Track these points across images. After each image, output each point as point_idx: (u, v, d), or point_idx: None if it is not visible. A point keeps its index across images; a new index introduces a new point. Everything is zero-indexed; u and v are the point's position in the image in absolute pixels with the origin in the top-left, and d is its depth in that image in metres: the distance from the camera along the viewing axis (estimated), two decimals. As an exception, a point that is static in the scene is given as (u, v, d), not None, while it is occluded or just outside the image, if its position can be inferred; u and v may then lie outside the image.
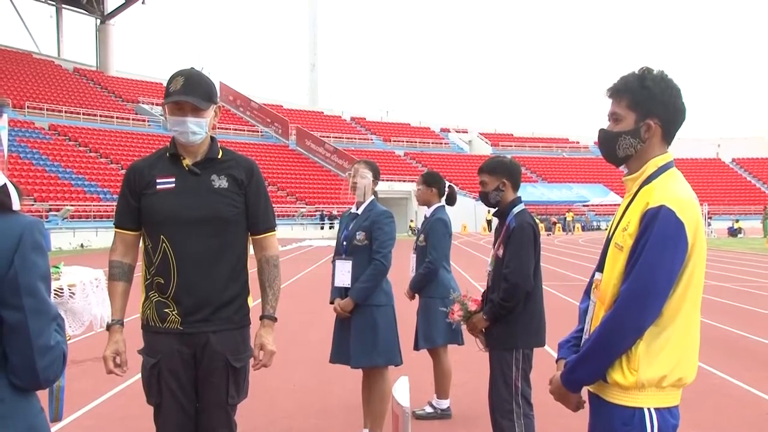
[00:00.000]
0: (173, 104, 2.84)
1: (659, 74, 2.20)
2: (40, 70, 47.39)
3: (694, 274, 2.10)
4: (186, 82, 2.84)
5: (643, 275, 2.04)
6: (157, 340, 2.90)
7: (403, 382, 2.13)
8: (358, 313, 4.52)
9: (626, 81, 2.22)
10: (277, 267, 3.04)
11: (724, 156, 67.23)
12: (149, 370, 2.92)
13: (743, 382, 6.39)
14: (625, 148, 2.22)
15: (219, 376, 2.90)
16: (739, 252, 26.55)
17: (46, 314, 1.63)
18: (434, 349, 5.31)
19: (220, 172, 2.93)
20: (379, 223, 4.57)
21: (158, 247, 2.86)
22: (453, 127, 67.53)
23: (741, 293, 13.28)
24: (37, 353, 1.60)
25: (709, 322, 9.81)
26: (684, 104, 2.22)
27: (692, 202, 2.12)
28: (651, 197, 2.10)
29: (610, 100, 2.25)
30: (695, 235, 2.07)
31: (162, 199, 2.87)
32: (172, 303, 2.86)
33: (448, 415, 5.34)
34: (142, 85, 53.16)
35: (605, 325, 2.10)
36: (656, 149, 2.20)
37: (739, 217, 48.26)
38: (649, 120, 2.17)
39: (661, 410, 2.10)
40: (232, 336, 2.93)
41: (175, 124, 2.86)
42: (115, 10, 52.47)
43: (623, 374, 2.09)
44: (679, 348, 2.11)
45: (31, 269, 1.58)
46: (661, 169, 2.19)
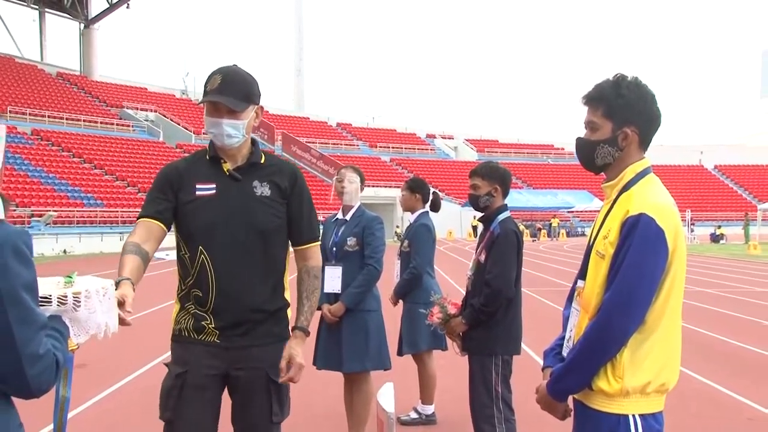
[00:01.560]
0: (209, 104, 2.68)
1: (634, 81, 2.21)
2: (22, 75, 47.02)
3: (676, 280, 2.11)
4: (223, 80, 2.67)
5: (626, 284, 2.05)
6: (189, 350, 2.72)
7: (388, 388, 2.13)
8: (350, 319, 4.52)
9: (601, 89, 2.21)
10: (318, 278, 2.88)
11: (707, 163, 67.81)
12: (173, 380, 2.71)
13: (726, 388, 6.44)
14: (603, 157, 2.22)
15: (261, 393, 2.74)
16: (721, 258, 26.77)
17: (32, 323, 1.62)
18: (419, 355, 5.31)
19: (262, 178, 2.77)
20: (371, 229, 4.58)
21: (196, 257, 2.69)
22: (439, 133, 67.66)
23: (723, 299, 13.39)
24: (26, 362, 1.60)
25: (691, 327, 9.88)
26: (659, 110, 2.23)
27: (671, 208, 2.13)
28: (630, 205, 2.10)
29: (586, 108, 2.25)
30: (675, 241, 2.08)
31: (201, 207, 2.70)
32: (210, 316, 2.70)
33: (432, 421, 5.34)
34: (126, 90, 52.87)
35: (589, 334, 2.11)
36: (634, 156, 2.21)
37: (722, 223, 48.66)
38: (626, 128, 2.18)
39: (646, 416, 2.10)
40: (274, 350, 2.75)
41: (210, 126, 2.71)
42: (99, 14, 52.15)
43: (608, 382, 2.09)
44: (663, 354, 2.12)
45: (15, 278, 1.58)
46: (640, 175, 2.20)
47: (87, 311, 1.85)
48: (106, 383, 6.44)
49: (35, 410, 1.82)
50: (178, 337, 2.77)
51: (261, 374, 2.73)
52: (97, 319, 1.89)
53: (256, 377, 2.73)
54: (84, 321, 1.87)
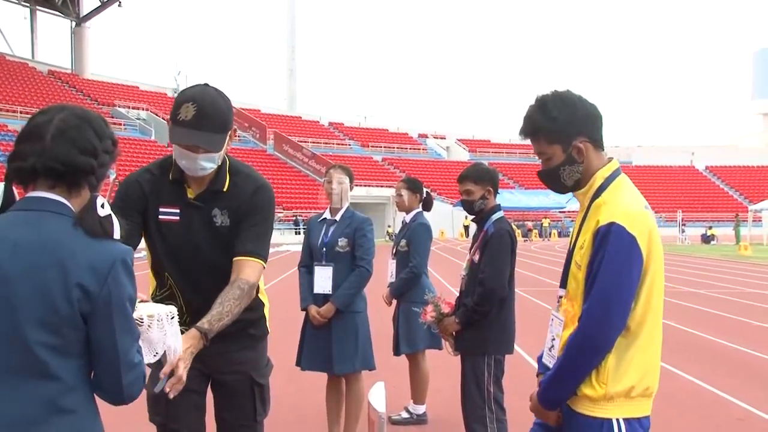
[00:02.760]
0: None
1: (557, 98, 2.20)
2: (13, 72, 46.80)
3: (655, 283, 2.12)
4: (199, 112, 2.42)
5: (602, 294, 2.06)
6: None
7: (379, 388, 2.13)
8: (340, 320, 4.51)
9: (532, 121, 2.22)
10: (244, 296, 2.51)
11: (698, 164, 68.10)
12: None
13: (715, 388, 6.46)
14: (570, 176, 2.23)
15: (244, 396, 2.77)
16: (712, 258, 26.85)
17: (131, 333, 1.76)
18: (413, 354, 5.32)
19: (223, 206, 2.62)
20: (362, 231, 4.57)
21: (165, 279, 2.68)
22: (431, 132, 67.71)
23: (713, 299, 13.44)
24: (123, 369, 1.71)
25: (681, 327, 9.92)
26: (593, 106, 2.23)
27: (642, 212, 2.12)
28: (601, 215, 2.11)
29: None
30: (649, 245, 2.09)
31: (165, 233, 2.63)
32: (185, 326, 2.64)
33: (424, 421, 5.35)
34: (118, 88, 52.70)
35: (572, 345, 2.12)
36: (595, 161, 2.22)
37: (712, 224, 48.86)
38: (575, 143, 2.18)
39: (631, 420, 2.11)
40: (254, 351, 2.79)
41: (183, 158, 2.51)
42: (90, 12, 51.96)
43: (592, 387, 2.11)
44: (646, 358, 2.13)
45: (122, 290, 1.70)
46: (609, 179, 2.20)
47: (160, 333, 1.96)
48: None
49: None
50: None
51: (245, 377, 2.76)
52: (166, 341, 2.00)
53: (241, 381, 2.75)
54: (155, 342, 1.98)
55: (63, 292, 1.64)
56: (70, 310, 1.64)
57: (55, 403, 1.65)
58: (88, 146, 1.74)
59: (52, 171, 1.70)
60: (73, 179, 1.73)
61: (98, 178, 1.78)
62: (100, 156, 1.77)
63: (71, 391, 1.68)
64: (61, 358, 1.65)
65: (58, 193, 1.72)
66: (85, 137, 1.74)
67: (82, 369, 1.71)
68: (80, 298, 1.65)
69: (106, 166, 1.80)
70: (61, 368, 1.66)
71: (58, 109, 1.79)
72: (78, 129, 1.75)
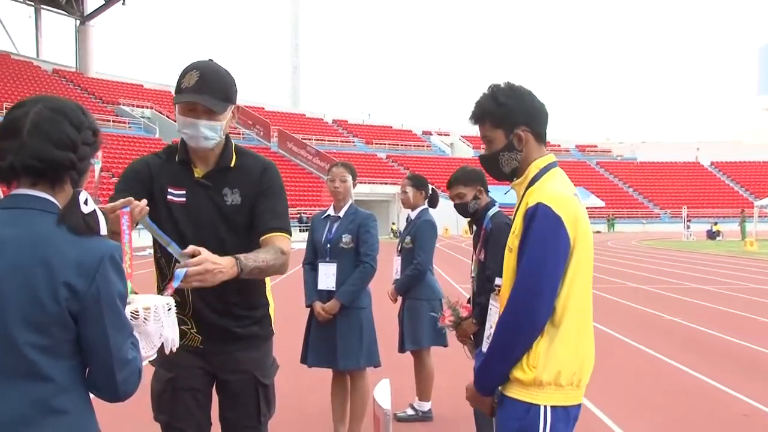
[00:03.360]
0: (185, 103, 2.48)
1: (507, 87, 2.31)
2: (18, 71, 46.93)
3: (580, 269, 2.15)
4: (201, 77, 2.46)
5: (529, 273, 2.10)
6: (175, 356, 2.64)
7: (385, 385, 2.12)
8: (344, 316, 4.52)
9: (481, 105, 2.32)
10: (279, 258, 2.52)
11: (703, 160, 67.93)
12: (163, 384, 2.67)
13: (721, 383, 6.44)
14: (508, 163, 2.31)
15: (248, 396, 2.73)
16: (717, 255, 26.81)
17: (123, 330, 1.72)
18: (418, 351, 5.31)
19: (233, 184, 2.60)
20: (366, 227, 4.58)
21: (172, 265, 2.56)
22: (435, 129, 67.70)
23: (719, 295, 13.41)
24: (117, 367, 1.69)
25: (688, 324, 9.90)
26: (540, 103, 2.33)
27: (569, 197, 2.18)
28: (530, 198, 2.18)
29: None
30: (576, 229, 2.13)
31: (173, 214, 2.58)
32: (190, 321, 2.63)
33: (429, 418, 5.34)
34: (122, 87, 52.80)
35: (500, 326, 2.15)
36: (534, 153, 2.30)
37: (718, 220, 48.73)
38: (517, 130, 2.27)
39: (557, 408, 2.13)
40: (258, 352, 2.75)
41: (185, 126, 2.50)
42: (95, 10, 52.02)
43: (523, 370, 2.13)
44: (574, 346, 2.15)
45: (111, 287, 1.68)
46: (543, 170, 2.27)
47: (156, 325, 1.94)
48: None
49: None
50: None
51: (249, 378, 2.72)
52: (163, 332, 1.98)
53: (245, 381, 2.72)
54: (152, 335, 1.96)
55: (50, 292, 1.61)
56: (57, 310, 1.61)
57: (47, 403, 1.63)
58: (65, 140, 1.68)
59: (30, 169, 1.65)
60: (54, 175, 1.68)
61: (79, 172, 1.72)
62: (79, 149, 1.71)
63: (64, 392, 1.65)
64: (51, 358, 1.63)
65: (42, 189, 1.68)
66: (60, 130, 1.68)
67: (76, 369, 1.69)
68: (68, 297, 1.62)
69: (87, 159, 1.74)
70: (52, 369, 1.63)
71: (33, 102, 1.73)
72: (52, 122, 1.68)
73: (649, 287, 14.89)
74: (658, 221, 57.54)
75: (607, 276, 17.40)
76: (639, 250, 30.36)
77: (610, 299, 12.76)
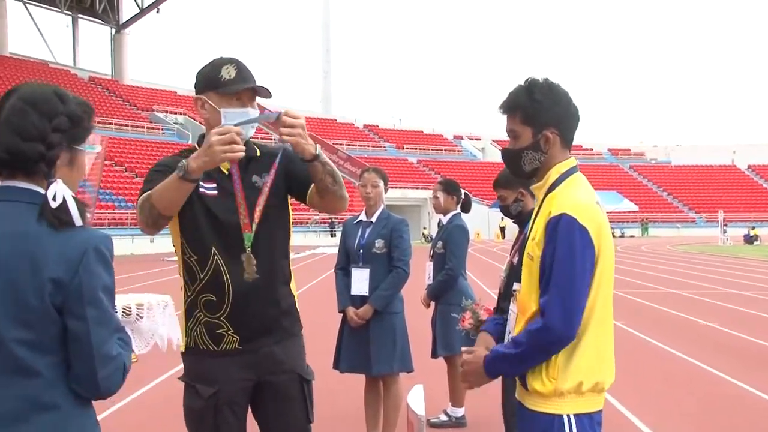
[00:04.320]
0: (229, 94, 2.48)
1: (546, 84, 2.22)
2: (56, 79, 47.80)
3: (603, 276, 2.12)
4: (240, 69, 2.50)
5: (561, 287, 2.05)
6: (214, 365, 2.51)
7: (418, 390, 2.12)
8: (378, 321, 4.52)
9: (515, 97, 2.23)
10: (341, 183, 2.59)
11: (740, 163, 66.77)
12: (205, 401, 2.50)
13: (759, 390, 6.32)
14: (530, 162, 2.25)
15: (294, 397, 2.61)
16: (755, 259, 26.30)
17: (107, 325, 1.68)
18: (451, 357, 5.29)
19: (260, 171, 2.60)
20: (399, 232, 4.58)
21: (208, 260, 2.49)
22: (466, 134, 67.51)
23: (758, 301, 13.16)
24: (98, 362, 1.65)
25: (723, 329, 9.74)
26: (575, 107, 2.25)
27: (592, 205, 2.13)
28: (553, 206, 2.12)
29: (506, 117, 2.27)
30: (599, 239, 2.09)
31: (208, 205, 2.52)
32: (225, 323, 2.52)
33: (463, 423, 5.32)
34: (156, 94, 53.52)
35: (536, 337, 2.08)
36: (558, 157, 2.23)
37: (755, 224, 47.87)
38: (546, 131, 2.20)
39: (581, 416, 2.10)
40: (294, 346, 2.65)
41: (236, 117, 2.45)
42: (130, 19, 52.87)
43: (542, 382, 2.11)
44: (596, 352, 2.12)
45: (95, 280, 1.64)
46: (564, 175, 2.21)
47: (150, 322, 1.90)
48: (130, 390, 6.45)
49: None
50: (195, 350, 2.55)
51: (294, 377, 2.62)
52: (158, 330, 1.94)
53: (290, 380, 2.62)
54: (146, 332, 1.92)
55: (35, 287, 1.59)
56: (41, 304, 1.60)
57: (36, 399, 1.61)
58: (32, 131, 1.65)
59: (3, 162, 1.65)
60: (26, 167, 1.66)
61: (49, 162, 1.67)
62: (49, 137, 1.66)
63: (53, 387, 1.63)
64: (39, 353, 1.61)
65: (26, 180, 1.66)
66: (27, 122, 1.65)
67: (65, 364, 1.66)
68: (52, 291, 1.60)
69: (59, 146, 1.69)
70: (40, 364, 1.61)
71: (12, 92, 1.71)
72: (20, 114, 1.66)
73: (683, 292, 14.68)
74: (693, 225, 56.69)
75: (641, 281, 17.19)
76: (674, 255, 29.92)
77: (644, 304, 12.60)
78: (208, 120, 2.56)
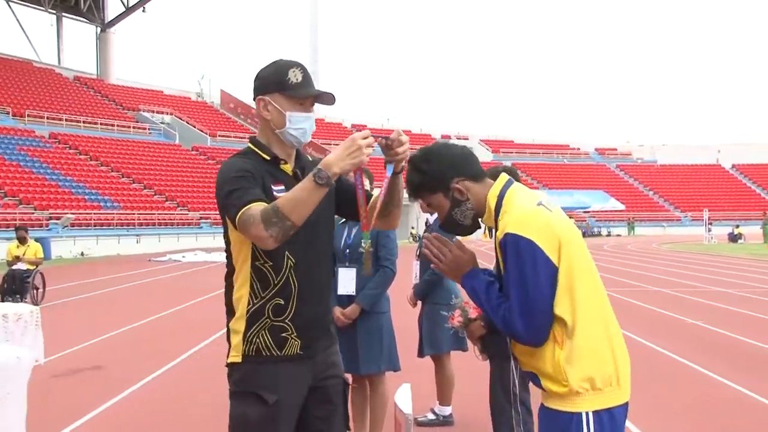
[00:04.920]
0: (297, 98, 2.45)
1: (422, 153, 2.37)
2: (40, 79, 47.48)
3: (576, 274, 2.12)
4: (305, 73, 2.50)
5: (521, 303, 2.09)
6: (278, 371, 2.41)
7: (405, 390, 2.13)
8: (364, 321, 4.52)
9: (410, 181, 2.38)
10: None
11: (725, 162, 67.29)
12: (267, 409, 2.38)
13: (746, 388, 6.36)
14: (465, 216, 2.33)
15: (340, 402, 2.56)
16: (739, 258, 26.51)
17: None
18: (438, 356, 5.30)
19: None
20: (385, 231, 4.58)
21: (284, 264, 2.43)
22: (454, 133, 67.56)
23: (743, 299, 13.26)
24: None
25: (710, 327, 9.80)
26: (460, 148, 2.38)
27: (531, 211, 2.15)
28: (500, 229, 2.18)
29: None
30: (549, 239, 2.10)
31: None
32: (290, 325, 2.43)
33: (450, 422, 5.33)
34: (142, 93, 53.25)
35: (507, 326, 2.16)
36: (482, 191, 2.30)
37: (740, 222, 48.24)
38: (452, 185, 2.28)
39: (600, 412, 2.11)
40: (337, 351, 2.62)
41: (302, 121, 2.47)
42: (115, 18, 52.61)
43: (558, 385, 2.12)
44: (602, 347, 2.14)
45: None
46: (500, 196, 2.25)
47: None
48: (122, 387, 6.45)
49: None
50: (257, 358, 2.41)
51: (340, 380, 2.59)
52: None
53: (338, 384, 2.58)
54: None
55: None
56: None
57: None
58: None
59: None
60: None
61: None
62: None
63: None
64: None
65: None
66: None
67: None
68: None
69: None
70: None
71: None
72: None
73: (670, 290, 14.77)
74: (678, 224, 57.05)
75: (627, 279, 17.29)
76: (660, 254, 30.10)
77: (631, 302, 12.67)
78: (270, 121, 2.49)
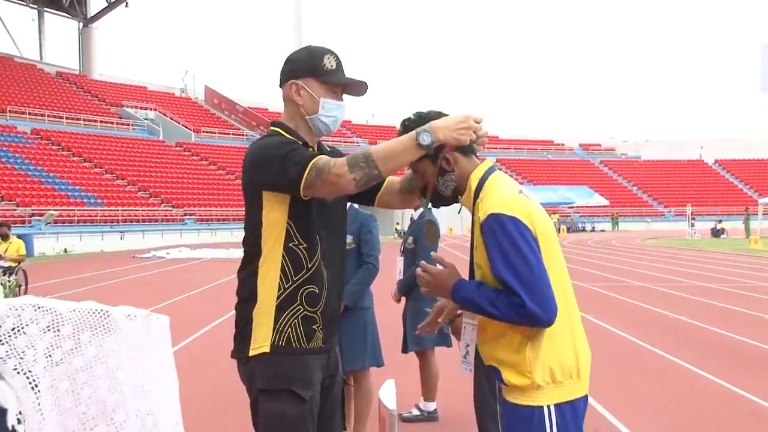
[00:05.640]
0: (331, 86, 2.43)
1: (415, 116, 2.31)
2: (22, 74, 47.02)
3: (548, 263, 2.12)
4: (338, 62, 2.45)
5: (522, 276, 2.03)
6: (309, 365, 2.35)
7: (390, 385, 2.13)
8: (348, 317, 4.51)
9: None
10: None
11: (707, 157, 67.77)
12: (304, 407, 2.32)
13: (728, 382, 6.43)
14: (446, 186, 2.30)
15: (340, 400, 2.55)
16: (722, 252, 26.74)
17: None
18: (422, 352, 5.31)
19: None
20: (367, 227, 4.58)
21: (315, 248, 2.36)
22: (438, 129, 67.56)
23: (725, 293, 13.38)
24: None
25: (693, 322, 9.88)
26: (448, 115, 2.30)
27: (514, 197, 2.15)
28: (480, 211, 2.16)
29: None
30: (532, 224, 2.11)
31: None
32: (319, 317, 2.37)
33: (434, 418, 5.34)
34: (125, 89, 52.86)
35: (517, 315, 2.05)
36: (468, 166, 2.29)
37: (722, 217, 48.60)
38: (442, 154, 2.25)
39: (561, 405, 2.12)
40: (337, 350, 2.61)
41: (334, 109, 2.44)
42: (98, 13, 52.16)
43: (520, 377, 2.12)
44: (564, 340, 2.14)
45: None
46: (483, 179, 2.25)
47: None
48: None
49: None
50: (288, 348, 2.33)
51: (342, 378, 2.58)
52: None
53: (339, 384, 2.55)
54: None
55: None
56: None
57: None
58: None
59: None
60: None
61: None
62: None
63: None
64: None
65: None
66: None
67: None
68: None
69: None
70: None
71: None
72: None
73: (653, 285, 14.87)
74: (662, 219, 57.43)
75: (611, 274, 17.39)
76: (643, 249, 30.30)
77: (615, 297, 12.75)
78: (302, 107, 2.46)
